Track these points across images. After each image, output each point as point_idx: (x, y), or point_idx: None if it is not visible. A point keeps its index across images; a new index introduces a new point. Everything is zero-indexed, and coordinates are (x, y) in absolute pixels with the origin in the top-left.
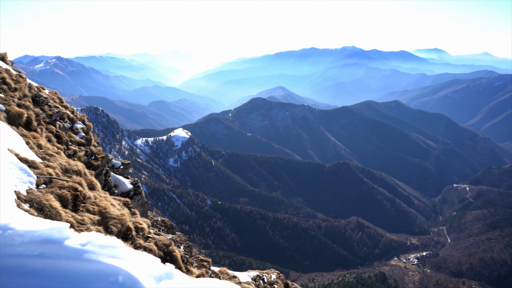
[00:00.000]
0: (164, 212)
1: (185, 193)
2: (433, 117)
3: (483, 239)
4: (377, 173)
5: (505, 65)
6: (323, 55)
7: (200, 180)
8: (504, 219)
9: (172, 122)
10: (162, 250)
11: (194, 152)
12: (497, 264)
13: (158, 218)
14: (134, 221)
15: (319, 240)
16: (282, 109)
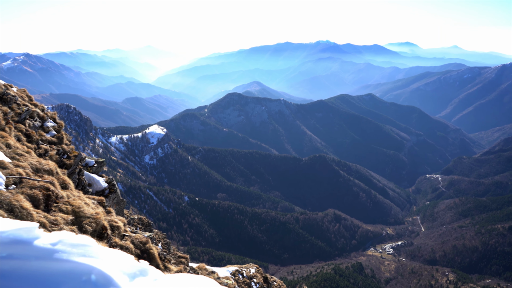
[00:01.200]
0: (141, 210)
1: (162, 190)
2: (406, 110)
3: (455, 227)
4: (352, 166)
5: (474, 58)
6: (297, 50)
7: (177, 177)
8: (475, 207)
9: (147, 118)
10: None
11: (170, 149)
12: (468, 251)
13: (135, 216)
14: (109, 219)
15: (297, 233)
16: (258, 104)
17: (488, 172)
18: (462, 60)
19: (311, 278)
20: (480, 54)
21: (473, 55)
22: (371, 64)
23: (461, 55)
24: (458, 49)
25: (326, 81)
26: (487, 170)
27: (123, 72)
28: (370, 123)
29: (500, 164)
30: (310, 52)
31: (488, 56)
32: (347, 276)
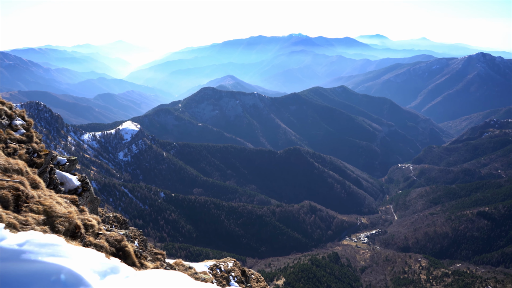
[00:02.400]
0: (116, 207)
1: (137, 187)
2: (377, 101)
3: (426, 215)
4: (327, 157)
5: (442, 49)
6: (270, 43)
7: (152, 173)
8: (445, 194)
9: (120, 115)
10: (114, 246)
11: (144, 145)
12: (439, 237)
13: (110, 214)
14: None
15: (274, 226)
16: (232, 97)
17: (456, 160)
18: (431, 51)
19: (289, 269)
20: (448, 46)
21: (441, 46)
22: (343, 56)
23: (430, 46)
24: (427, 40)
25: (299, 74)
26: (455, 158)
27: (94, 68)
28: (343, 115)
29: (468, 152)
30: (283, 46)
31: (455, 48)
32: (323, 266)
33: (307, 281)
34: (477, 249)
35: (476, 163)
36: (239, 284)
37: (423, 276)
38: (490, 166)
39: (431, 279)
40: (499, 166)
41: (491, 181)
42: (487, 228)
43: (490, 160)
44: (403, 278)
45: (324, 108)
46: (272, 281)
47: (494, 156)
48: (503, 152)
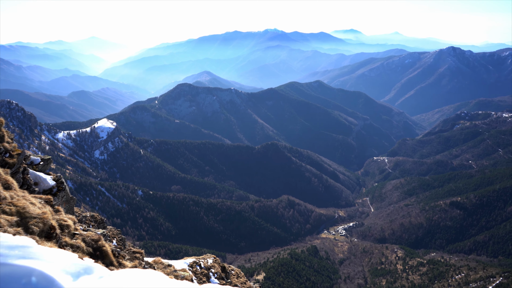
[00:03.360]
0: (93, 207)
1: (114, 186)
2: (352, 95)
3: (401, 206)
4: (304, 152)
5: (414, 43)
6: (246, 38)
7: (129, 171)
8: (419, 186)
9: (96, 112)
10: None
11: (121, 143)
12: (414, 228)
13: (87, 214)
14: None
15: (253, 221)
16: (209, 93)
17: (430, 152)
18: (403, 46)
19: (268, 264)
20: (419, 40)
21: (413, 41)
22: (318, 51)
23: (402, 41)
24: (399, 35)
25: (275, 69)
26: (429, 150)
27: (67, 65)
28: (319, 109)
29: (440, 144)
30: (259, 41)
31: (427, 42)
32: (303, 260)
33: (287, 275)
34: (451, 238)
35: (448, 154)
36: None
37: (400, 266)
38: (462, 157)
39: (407, 269)
40: (470, 157)
41: (463, 172)
42: (460, 217)
43: (462, 152)
44: (380, 269)
45: (300, 103)
46: (252, 276)
47: (465, 147)
48: (474, 143)
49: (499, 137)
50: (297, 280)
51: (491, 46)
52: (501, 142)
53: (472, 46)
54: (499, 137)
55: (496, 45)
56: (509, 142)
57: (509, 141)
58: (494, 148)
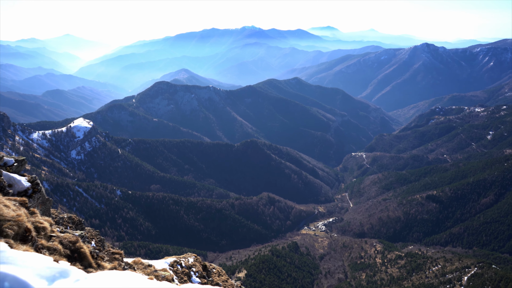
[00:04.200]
0: (71, 208)
1: (92, 186)
2: (330, 92)
3: (379, 201)
4: (283, 149)
5: (389, 40)
6: (224, 36)
7: (107, 171)
8: (396, 180)
9: (71, 112)
10: (69, 248)
11: (98, 142)
12: (392, 221)
13: (64, 215)
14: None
15: (233, 219)
16: (188, 91)
17: (406, 147)
18: (379, 42)
19: (250, 261)
20: (395, 37)
21: (388, 37)
22: (296, 48)
23: (378, 38)
24: (375, 32)
25: (253, 66)
26: (405, 145)
27: (41, 63)
28: (297, 106)
29: (416, 139)
30: (237, 38)
31: (402, 39)
32: (284, 256)
33: (268, 271)
34: (427, 231)
35: (424, 149)
36: (201, 279)
37: (379, 260)
38: (437, 151)
39: (386, 262)
40: (444, 151)
41: (438, 165)
42: (436, 210)
43: (437, 146)
44: (360, 263)
45: (279, 100)
46: (234, 274)
47: (440, 142)
48: (448, 138)
49: (472, 131)
50: (278, 276)
51: (463, 42)
52: (474, 136)
53: (445, 42)
54: (472, 131)
55: (468, 41)
56: (481, 136)
57: (482, 135)
58: (467, 142)
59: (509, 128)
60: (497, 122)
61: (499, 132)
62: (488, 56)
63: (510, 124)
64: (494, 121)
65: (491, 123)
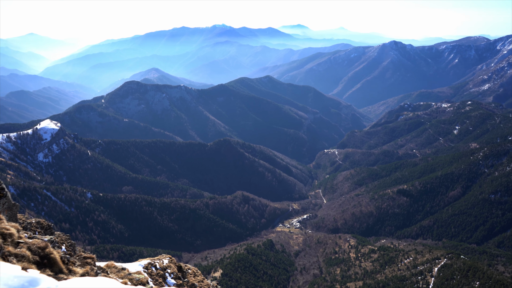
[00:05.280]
0: (39, 212)
1: (61, 189)
2: (302, 89)
3: (352, 196)
4: (256, 147)
5: (358, 38)
6: (194, 34)
7: (77, 173)
8: (368, 176)
9: (37, 113)
10: (38, 254)
11: (66, 144)
12: (365, 216)
13: (33, 220)
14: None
15: (208, 219)
16: (158, 91)
17: (377, 142)
18: (349, 40)
19: (225, 260)
20: (364, 35)
21: (357, 35)
22: (267, 47)
23: (347, 36)
24: (345, 30)
25: (225, 65)
26: (376, 141)
27: (3, 64)
28: (270, 104)
29: (387, 135)
30: (207, 37)
31: (370, 36)
32: (259, 254)
33: (244, 270)
34: (399, 225)
35: (394, 144)
36: (176, 280)
37: (352, 254)
38: (406, 146)
39: (359, 257)
40: (414, 146)
41: (408, 160)
42: (407, 204)
43: (406, 141)
44: (335, 258)
45: (251, 98)
46: (210, 274)
47: (409, 137)
48: (417, 133)
49: (439, 126)
50: (254, 274)
51: (430, 40)
52: (441, 131)
53: (412, 40)
54: (439, 126)
55: (434, 39)
56: (448, 130)
57: (448, 129)
58: (435, 137)
59: (474, 123)
60: (462, 117)
61: (464, 126)
62: (453, 53)
63: (475, 119)
64: (460, 116)
65: (457, 118)
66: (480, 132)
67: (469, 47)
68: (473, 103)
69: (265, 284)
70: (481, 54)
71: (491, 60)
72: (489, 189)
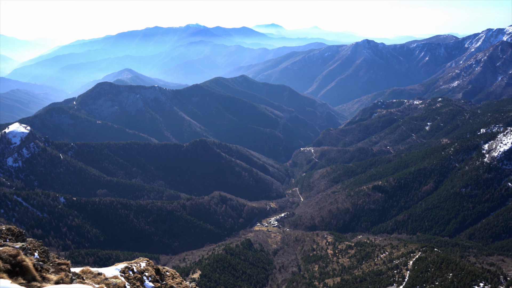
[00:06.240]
0: (10, 219)
1: (32, 194)
2: (277, 89)
3: (329, 193)
4: (233, 147)
5: (332, 37)
6: (168, 34)
7: (49, 178)
8: (344, 173)
9: (5, 116)
10: (9, 262)
11: (37, 148)
12: (342, 213)
13: (3, 227)
14: None
15: (185, 220)
16: (132, 92)
17: (352, 140)
18: (322, 39)
19: (204, 261)
20: (337, 34)
21: (331, 34)
22: (242, 46)
23: (321, 34)
24: (318, 29)
25: (199, 65)
26: (351, 138)
27: None
28: (245, 104)
29: (361, 132)
30: (181, 36)
31: (344, 35)
32: (238, 254)
33: (222, 270)
34: (375, 220)
35: (368, 141)
36: (154, 283)
37: (330, 251)
38: (380, 143)
39: (337, 253)
40: (387, 143)
41: (382, 157)
42: (382, 200)
43: (380, 138)
44: (313, 256)
45: (226, 98)
46: (188, 275)
47: (383, 134)
48: (390, 130)
49: (411, 123)
50: (233, 274)
51: (401, 38)
52: (414, 127)
53: (384, 39)
54: (412, 123)
55: (405, 37)
56: (420, 127)
57: (421, 126)
58: (408, 133)
59: (444, 119)
60: (434, 114)
61: (436, 123)
62: (424, 52)
63: (446, 115)
64: (431, 113)
65: (428, 115)
66: (451, 128)
67: (438, 45)
68: (443, 100)
69: (244, 283)
70: (450, 52)
71: (459, 58)
72: (460, 183)
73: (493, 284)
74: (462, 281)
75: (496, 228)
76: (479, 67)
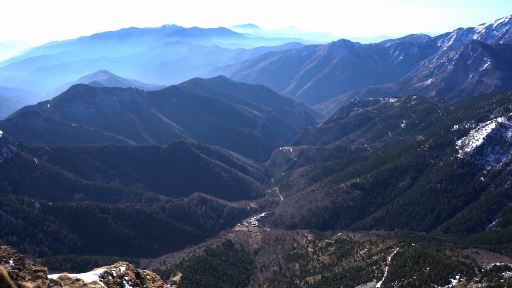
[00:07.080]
0: None
1: (6, 200)
2: (255, 89)
3: (308, 192)
4: (212, 147)
5: (308, 36)
6: (144, 35)
7: (23, 183)
8: (322, 171)
9: None
10: None
11: (10, 153)
12: (321, 211)
13: None
14: None
15: (165, 222)
16: (108, 94)
17: (330, 138)
18: (299, 39)
19: (184, 263)
20: (313, 33)
21: (307, 34)
22: (219, 46)
23: (298, 34)
24: (295, 29)
25: (177, 65)
26: (329, 137)
27: None
28: (223, 104)
29: (339, 131)
30: (157, 37)
31: (320, 35)
32: (218, 255)
33: (204, 272)
34: (353, 217)
35: (346, 140)
36: (134, 287)
37: (310, 249)
38: (358, 141)
39: (317, 251)
40: (364, 140)
41: (360, 155)
42: (360, 197)
43: (357, 136)
44: (293, 254)
45: (204, 98)
46: (169, 278)
47: (360, 132)
48: (367, 128)
49: (387, 121)
50: (214, 275)
51: (376, 38)
52: (390, 125)
53: (359, 38)
54: (388, 120)
55: (380, 37)
56: (396, 124)
57: (396, 123)
58: (384, 131)
59: (419, 116)
60: (409, 111)
61: (411, 120)
62: (398, 50)
63: (420, 113)
64: (406, 110)
65: (403, 112)
66: (425, 125)
67: (412, 44)
68: (417, 98)
69: (225, 284)
70: (424, 50)
71: (432, 56)
72: (435, 178)
73: (468, 276)
74: (439, 274)
75: (470, 221)
76: (451, 65)
